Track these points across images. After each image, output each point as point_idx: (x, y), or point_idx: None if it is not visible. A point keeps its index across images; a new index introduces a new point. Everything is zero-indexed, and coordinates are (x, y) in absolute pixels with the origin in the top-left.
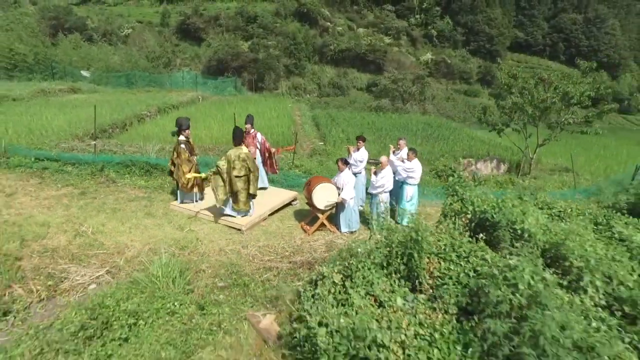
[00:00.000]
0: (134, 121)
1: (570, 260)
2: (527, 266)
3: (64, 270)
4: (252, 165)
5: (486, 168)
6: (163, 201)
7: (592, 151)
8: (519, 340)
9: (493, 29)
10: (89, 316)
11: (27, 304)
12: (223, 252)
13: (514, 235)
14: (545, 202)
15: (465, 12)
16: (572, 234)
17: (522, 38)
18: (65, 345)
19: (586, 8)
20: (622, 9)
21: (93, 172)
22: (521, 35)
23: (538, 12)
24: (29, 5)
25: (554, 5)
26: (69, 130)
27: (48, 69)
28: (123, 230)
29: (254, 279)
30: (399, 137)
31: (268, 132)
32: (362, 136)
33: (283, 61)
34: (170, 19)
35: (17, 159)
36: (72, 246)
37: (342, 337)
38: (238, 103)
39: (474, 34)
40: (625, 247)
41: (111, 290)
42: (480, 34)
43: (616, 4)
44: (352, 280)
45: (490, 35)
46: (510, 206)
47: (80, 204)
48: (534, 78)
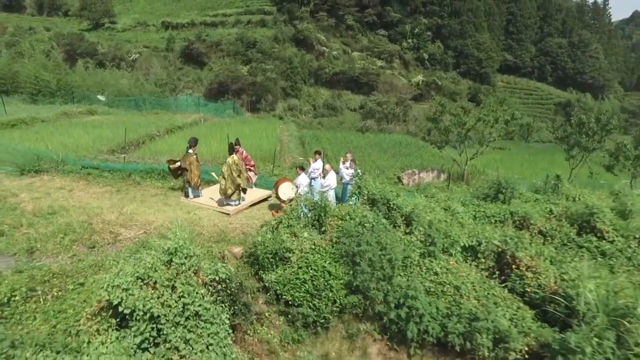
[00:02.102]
0: (147, 140)
1: (412, 218)
2: (376, 217)
3: (117, 231)
4: (242, 168)
5: (428, 177)
6: (175, 196)
7: (539, 165)
8: (359, 249)
9: (482, 52)
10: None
11: (103, 244)
12: (216, 226)
13: (388, 207)
14: (431, 194)
15: (455, 36)
16: (420, 205)
17: (511, 61)
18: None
19: (570, 33)
20: (604, 34)
21: (123, 176)
22: (510, 58)
23: (525, 37)
24: (44, 31)
25: (541, 30)
26: (95, 147)
27: (68, 93)
28: (149, 212)
29: (233, 237)
30: (347, 151)
31: (257, 149)
32: (319, 151)
33: (280, 84)
34: (175, 44)
35: (69, 167)
36: (119, 220)
37: (268, 247)
38: (235, 124)
39: (463, 57)
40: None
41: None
42: (469, 57)
43: (599, 29)
44: (282, 227)
45: (479, 59)
46: (389, 191)
47: (118, 197)
48: (459, 107)
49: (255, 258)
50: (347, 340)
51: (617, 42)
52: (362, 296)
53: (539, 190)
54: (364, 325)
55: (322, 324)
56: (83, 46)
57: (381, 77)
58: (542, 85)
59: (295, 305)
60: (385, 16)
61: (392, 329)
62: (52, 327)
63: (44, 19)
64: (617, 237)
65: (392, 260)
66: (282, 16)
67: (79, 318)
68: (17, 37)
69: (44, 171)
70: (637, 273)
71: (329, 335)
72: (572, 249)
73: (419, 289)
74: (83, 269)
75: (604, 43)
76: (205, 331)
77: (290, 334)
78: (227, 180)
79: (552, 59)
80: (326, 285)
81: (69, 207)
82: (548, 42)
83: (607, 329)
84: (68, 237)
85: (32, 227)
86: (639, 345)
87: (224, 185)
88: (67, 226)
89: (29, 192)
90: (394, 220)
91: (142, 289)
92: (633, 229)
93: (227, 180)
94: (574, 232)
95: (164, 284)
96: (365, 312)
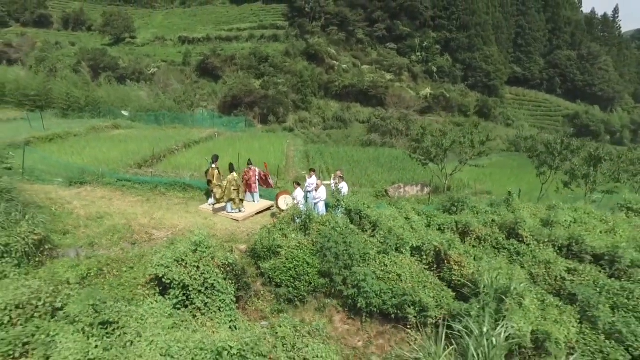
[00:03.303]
0: (167, 154)
1: (380, 227)
2: (345, 223)
3: (150, 232)
4: (240, 185)
5: (413, 190)
6: (194, 205)
7: (525, 178)
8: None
9: (490, 65)
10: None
11: (141, 241)
12: (227, 229)
13: (357, 216)
14: (401, 206)
15: (463, 50)
16: (385, 216)
17: (519, 73)
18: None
19: (579, 45)
20: (614, 46)
21: (151, 188)
22: (519, 71)
23: (534, 49)
24: (69, 46)
25: (550, 43)
26: (123, 160)
27: (95, 108)
28: (174, 218)
29: (240, 237)
30: (338, 168)
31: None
32: (313, 168)
33: (291, 97)
34: (191, 58)
35: (107, 179)
36: (151, 223)
37: (264, 245)
38: (246, 139)
39: (472, 70)
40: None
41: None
42: (477, 70)
43: (608, 41)
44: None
45: (487, 71)
46: (361, 204)
47: (148, 205)
48: (438, 130)
49: (255, 251)
50: (318, 312)
51: (629, 53)
52: (329, 280)
53: (494, 203)
54: (330, 300)
55: (301, 299)
56: (105, 61)
57: (390, 90)
58: (551, 97)
59: (282, 286)
60: (395, 30)
61: (349, 303)
62: (115, 294)
63: (69, 33)
64: (532, 241)
65: (351, 255)
66: (294, 31)
67: (132, 288)
68: (46, 53)
69: (87, 183)
70: (536, 266)
71: (305, 307)
72: (498, 249)
73: (369, 275)
74: (130, 258)
75: (613, 55)
76: (218, 298)
77: (277, 306)
78: (224, 192)
79: (561, 71)
80: (305, 272)
81: (112, 212)
82: (557, 55)
83: (492, 301)
84: (116, 236)
85: (87, 228)
86: (508, 310)
87: (219, 195)
88: (113, 227)
89: (79, 201)
90: (363, 226)
91: (178, 267)
92: (545, 235)
93: (224, 193)
94: (503, 237)
95: (192, 264)
96: (331, 291)
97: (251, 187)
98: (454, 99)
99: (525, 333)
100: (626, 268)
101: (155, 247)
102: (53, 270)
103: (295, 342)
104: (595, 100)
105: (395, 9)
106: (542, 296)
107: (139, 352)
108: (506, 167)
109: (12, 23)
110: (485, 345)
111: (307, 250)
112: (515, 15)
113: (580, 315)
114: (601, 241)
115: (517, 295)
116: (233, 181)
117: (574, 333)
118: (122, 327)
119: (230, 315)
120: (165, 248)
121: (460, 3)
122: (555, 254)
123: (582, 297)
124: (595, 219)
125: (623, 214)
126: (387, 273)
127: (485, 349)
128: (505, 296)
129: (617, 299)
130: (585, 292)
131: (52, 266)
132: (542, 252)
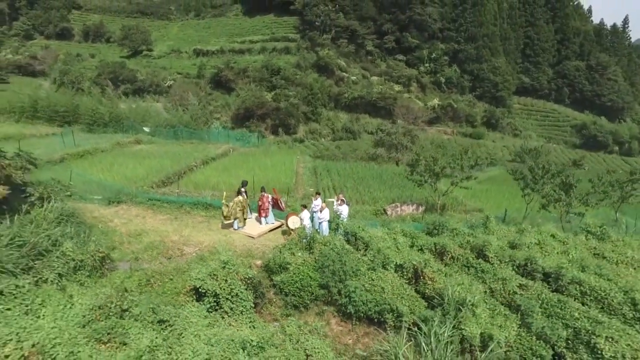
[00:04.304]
0: (187, 170)
1: (371, 247)
2: (342, 244)
3: (181, 248)
4: (245, 206)
5: (408, 209)
6: (216, 223)
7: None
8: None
9: (497, 76)
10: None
11: (174, 256)
12: (244, 245)
13: (353, 237)
14: (391, 227)
15: (471, 61)
16: (376, 237)
17: (528, 83)
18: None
19: (588, 56)
20: (624, 56)
21: (177, 207)
22: (527, 80)
23: (543, 60)
24: (90, 58)
25: (558, 53)
26: (149, 178)
27: (118, 124)
28: (199, 235)
29: (256, 253)
30: (340, 191)
31: (277, 182)
32: (318, 192)
33: (302, 109)
34: (206, 71)
35: (139, 199)
36: (180, 240)
37: (276, 262)
38: (259, 155)
39: (479, 81)
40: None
41: (206, 253)
42: (485, 80)
43: (618, 51)
44: (286, 249)
45: (494, 82)
46: (357, 227)
47: (176, 223)
48: (430, 157)
49: (269, 267)
50: (318, 316)
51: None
52: (327, 291)
53: (472, 225)
54: (327, 307)
55: (305, 306)
56: (124, 73)
57: (398, 101)
58: (559, 107)
59: (289, 295)
60: (404, 42)
61: (342, 310)
62: (162, 300)
63: (89, 45)
64: (496, 261)
65: (345, 271)
66: (305, 43)
67: (174, 296)
68: (69, 66)
69: (123, 202)
70: (495, 282)
71: (308, 312)
72: (468, 267)
73: (359, 287)
74: (169, 271)
75: (623, 65)
76: (241, 304)
77: (285, 311)
78: (230, 211)
79: (570, 81)
80: (308, 284)
81: (147, 230)
82: (565, 65)
83: (452, 310)
84: (154, 251)
85: (130, 244)
86: (463, 317)
87: (226, 213)
88: (151, 244)
89: (119, 219)
90: (357, 245)
91: (210, 280)
92: (507, 255)
93: (230, 212)
94: (473, 257)
95: (222, 278)
96: (328, 300)
97: (263, 213)
98: (462, 109)
99: (475, 335)
100: (567, 284)
101: (186, 261)
102: (112, 280)
103: (299, 338)
104: (604, 111)
105: (404, 21)
106: (495, 306)
107: (188, 342)
108: (504, 182)
109: (36, 36)
110: (432, 341)
111: (310, 266)
112: (523, 26)
113: (520, 322)
114: (552, 261)
115: (472, 305)
116: (239, 203)
117: (513, 335)
118: (172, 325)
119: (250, 317)
120: (199, 264)
121: (468, 15)
122: (514, 272)
123: (523, 307)
124: (556, 240)
125: (583, 236)
126: (374, 286)
127: (432, 344)
128: (463, 306)
129: (553, 309)
130: (527, 303)
131: (112, 277)
132: (502, 271)
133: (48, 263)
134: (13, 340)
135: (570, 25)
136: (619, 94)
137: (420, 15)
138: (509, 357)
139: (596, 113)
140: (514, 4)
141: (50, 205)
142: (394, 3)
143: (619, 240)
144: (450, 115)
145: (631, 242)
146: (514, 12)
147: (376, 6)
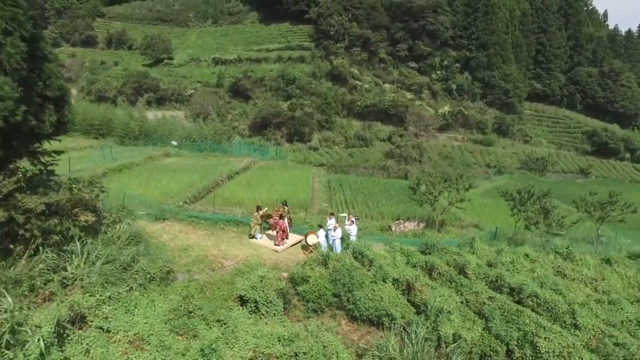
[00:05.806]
0: (214, 185)
1: (374, 264)
2: (351, 260)
3: (221, 262)
4: (259, 222)
5: (411, 225)
6: (246, 238)
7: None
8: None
9: (508, 83)
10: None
11: (217, 268)
12: (271, 259)
13: (360, 255)
14: (390, 243)
15: (482, 68)
16: (378, 255)
17: (539, 89)
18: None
19: (601, 62)
20: (638, 63)
21: (212, 223)
22: (539, 87)
23: (555, 66)
24: (113, 65)
25: (571, 60)
26: (182, 193)
27: (148, 137)
28: (234, 249)
29: (282, 266)
30: (349, 212)
31: (294, 197)
32: (332, 212)
33: (316, 117)
34: (224, 80)
35: (181, 216)
36: (219, 254)
37: (299, 275)
38: (278, 170)
39: (490, 88)
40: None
41: (242, 266)
42: (496, 87)
43: (632, 57)
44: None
45: (505, 89)
46: (362, 245)
47: (214, 239)
48: (429, 182)
49: (293, 279)
50: (332, 318)
51: None
52: (338, 299)
53: (461, 245)
54: (339, 311)
55: (321, 310)
56: (148, 82)
57: (409, 109)
58: (571, 114)
59: (310, 302)
60: (416, 50)
61: (350, 314)
62: (214, 305)
63: (112, 52)
64: (473, 277)
65: (353, 283)
66: (319, 52)
67: (222, 301)
68: (95, 75)
69: (167, 219)
70: (470, 295)
71: (324, 315)
72: (451, 282)
73: (363, 296)
74: (216, 282)
75: (637, 71)
76: (273, 308)
77: (307, 314)
78: (253, 224)
79: (582, 87)
80: (324, 293)
81: (191, 245)
82: (578, 71)
83: (432, 315)
84: (202, 264)
85: (180, 258)
86: (441, 321)
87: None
88: (197, 257)
89: (166, 234)
90: (363, 262)
91: (252, 290)
92: (482, 273)
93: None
94: (455, 274)
95: (260, 289)
96: (340, 306)
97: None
98: (472, 116)
99: (448, 334)
100: (526, 297)
101: (228, 273)
102: (175, 289)
103: (318, 334)
104: (617, 117)
105: (417, 29)
106: (467, 313)
107: (241, 335)
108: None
109: (63, 43)
110: (413, 337)
111: (326, 279)
112: (535, 32)
113: (484, 326)
114: (518, 278)
115: (448, 312)
116: (254, 219)
117: (478, 335)
118: (226, 323)
119: (280, 318)
120: (241, 277)
121: (479, 23)
122: (486, 286)
123: (487, 314)
124: (527, 259)
125: (552, 256)
126: (375, 296)
127: (412, 340)
128: (441, 313)
129: (511, 317)
130: (491, 311)
131: (174, 286)
132: (476, 285)
133: (132, 275)
134: (121, 330)
135: (583, 32)
136: (632, 101)
137: (433, 24)
138: (471, 352)
139: (609, 120)
140: (526, 11)
141: (121, 227)
142: (407, 12)
143: (581, 259)
144: (461, 122)
145: (589, 261)
146: (526, 19)
147: (389, 15)
